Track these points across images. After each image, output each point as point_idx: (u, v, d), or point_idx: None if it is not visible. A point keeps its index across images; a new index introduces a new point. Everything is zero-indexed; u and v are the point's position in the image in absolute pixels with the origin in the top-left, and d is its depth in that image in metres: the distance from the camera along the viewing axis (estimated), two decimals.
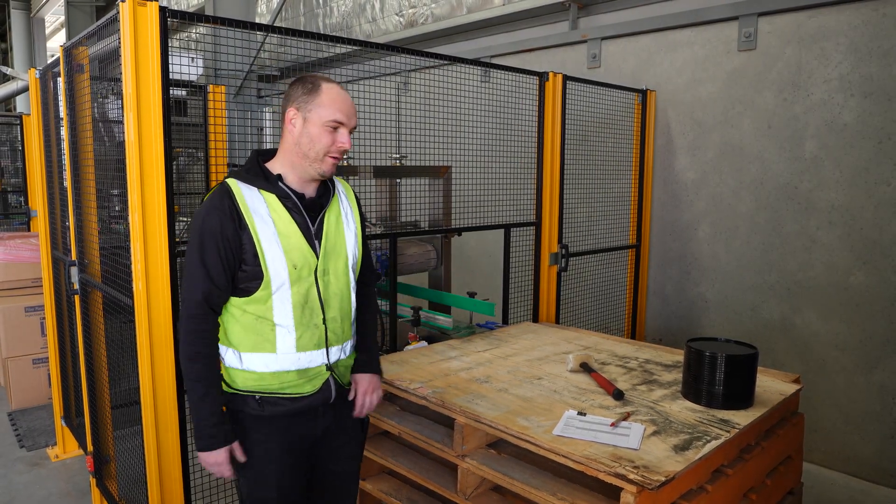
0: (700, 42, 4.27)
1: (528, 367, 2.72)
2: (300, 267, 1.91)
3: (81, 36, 2.74)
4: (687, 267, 4.48)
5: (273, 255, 1.87)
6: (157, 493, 2.32)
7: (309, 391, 1.97)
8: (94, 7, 14.57)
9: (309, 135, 1.90)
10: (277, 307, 1.90)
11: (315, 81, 1.92)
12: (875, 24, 3.52)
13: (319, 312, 1.96)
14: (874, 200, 3.57)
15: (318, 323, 1.95)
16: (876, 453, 3.63)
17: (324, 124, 1.89)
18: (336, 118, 1.89)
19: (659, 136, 4.55)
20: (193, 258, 1.85)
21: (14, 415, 4.63)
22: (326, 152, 1.90)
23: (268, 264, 1.87)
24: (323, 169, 1.92)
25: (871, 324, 3.62)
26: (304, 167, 1.93)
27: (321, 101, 1.89)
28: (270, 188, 1.91)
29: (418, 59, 3.16)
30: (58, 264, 3.73)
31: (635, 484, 1.73)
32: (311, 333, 1.94)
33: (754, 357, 2.29)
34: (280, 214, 1.90)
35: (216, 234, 1.84)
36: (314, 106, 1.89)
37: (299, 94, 1.91)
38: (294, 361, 1.93)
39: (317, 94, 1.89)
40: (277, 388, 1.93)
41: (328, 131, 1.89)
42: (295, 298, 1.91)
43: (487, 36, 5.86)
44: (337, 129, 1.91)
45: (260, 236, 1.86)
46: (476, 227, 3.54)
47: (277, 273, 1.88)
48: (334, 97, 1.90)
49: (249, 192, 1.90)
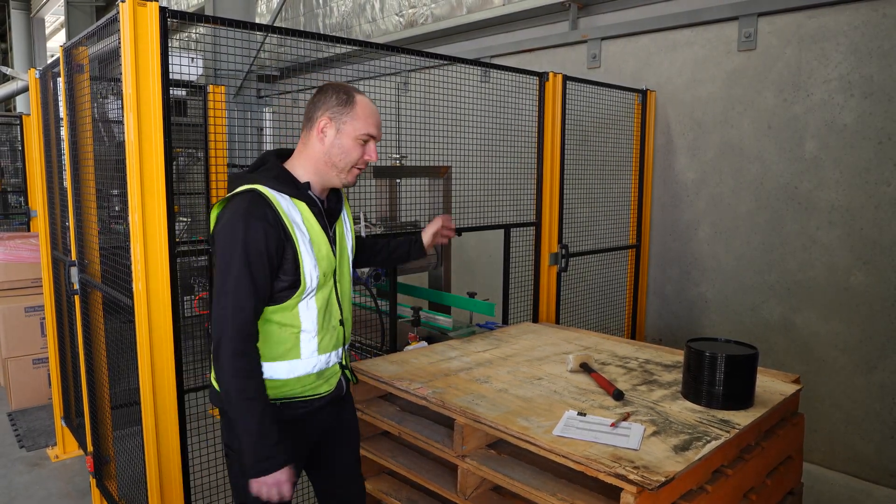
0: (700, 42, 4.27)
1: (528, 367, 2.72)
2: (327, 273, 1.95)
3: (81, 36, 2.74)
4: (687, 267, 4.48)
5: (309, 265, 1.88)
6: (157, 493, 2.32)
7: (325, 391, 2.04)
8: (94, 7, 14.58)
9: (341, 146, 1.92)
10: (304, 313, 1.92)
11: (349, 93, 1.93)
12: (875, 24, 3.52)
13: (338, 314, 2.03)
14: (874, 201, 3.57)
15: (335, 324, 2.02)
16: (876, 453, 3.63)
17: (357, 137, 1.91)
18: (370, 132, 1.93)
19: (659, 137, 4.55)
20: (241, 272, 1.76)
21: (14, 415, 4.63)
22: (355, 164, 1.94)
23: (305, 274, 1.88)
24: (348, 179, 1.96)
25: (871, 324, 3.62)
26: (329, 176, 1.95)
27: (356, 113, 1.91)
28: (301, 196, 1.90)
29: (418, 59, 3.16)
30: (58, 264, 3.73)
31: (635, 484, 1.73)
32: (330, 335, 2.01)
33: (754, 357, 2.29)
34: (311, 223, 1.91)
35: (261, 248, 1.78)
36: (349, 118, 1.91)
37: (333, 103, 1.91)
38: (315, 364, 1.98)
39: (352, 107, 1.91)
40: (299, 392, 1.97)
41: (360, 144, 1.93)
42: (319, 303, 1.95)
43: (487, 36, 5.86)
44: (367, 143, 1.95)
45: (301, 248, 1.86)
46: (476, 228, 3.53)
47: (311, 280, 1.90)
48: (368, 111, 1.93)
49: (284, 201, 1.86)
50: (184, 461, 2.38)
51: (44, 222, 3.87)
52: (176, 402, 2.33)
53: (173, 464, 2.35)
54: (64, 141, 3.11)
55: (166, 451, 2.33)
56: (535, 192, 3.76)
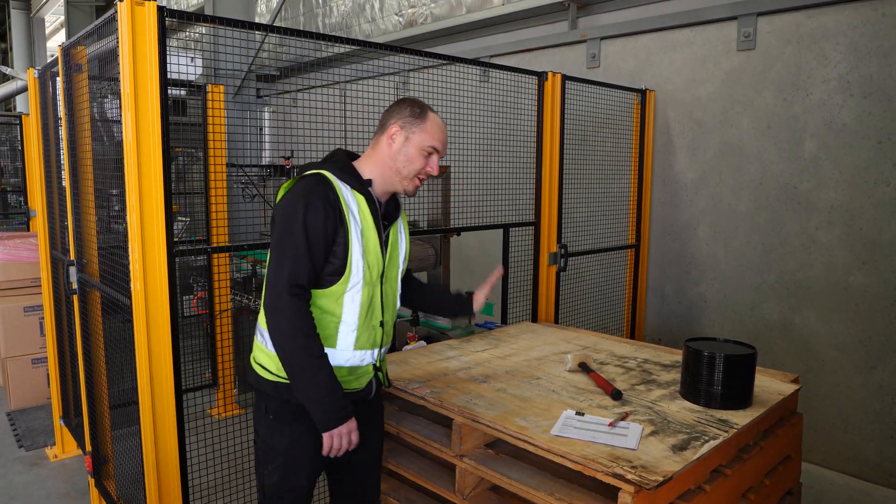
0: (699, 42, 4.27)
1: (527, 366, 2.72)
2: (373, 269, 2.02)
3: (79, 35, 2.74)
4: (686, 267, 4.48)
5: (357, 253, 1.97)
6: (156, 492, 2.32)
7: (355, 388, 2.08)
8: (94, 7, 14.57)
9: (407, 153, 2.04)
10: (347, 305, 1.99)
11: (423, 108, 2.08)
12: (874, 24, 3.52)
13: (380, 315, 2.08)
14: (874, 200, 3.57)
15: (375, 325, 2.08)
16: (875, 453, 3.63)
17: (423, 148, 2.04)
18: (434, 145, 2.06)
19: (658, 136, 4.55)
20: (299, 242, 1.88)
21: (13, 415, 4.63)
22: (416, 173, 2.06)
23: (352, 262, 1.96)
24: (408, 187, 2.08)
25: (870, 324, 3.61)
26: (392, 181, 2.07)
27: (425, 126, 2.05)
28: (361, 190, 2.01)
29: (417, 58, 3.16)
30: (57, 264, 3.73)
31: (633, 484, 1.73)
32: (368, 334, 2.06)
33: (752, 357, 2.29)
34: (366, 217, 2.00)
35: (320, 225, 1.89)
36: (418, 129, 2.04)
37: (406, 114, 2.05)
38: (349, 358, 2.04)
39: (423, 120, 2.05)
40: None
41: (424, 156, 2.05)
42: (363, 299, 2.01)
43: (487, 36, 5.86)
44: (431, 156, 2.07)
45: (352, 234, 1.96)
46: (475, 227, 3.53)
47: (357, 270, 1.98)
48: (437, 127, 2.07)
49: (345, 189, 1.99)
50: (182, 461, 2.38)
51: (43, 222, 3.87)
52: (174, 402, 2.33)
53: (171, 463, 2.35)
54: (63, 141, 3.11)
55: (164, 451, 2.33)
56: (535, 191, 3.76)
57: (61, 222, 3.52)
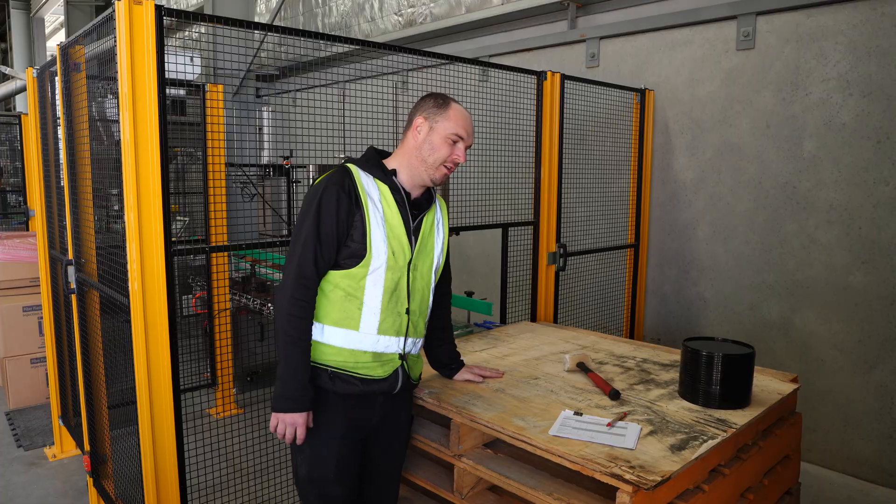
0: (698, 41, 4.27)
1: (526, 366, 2.72)
2: (398, 255, 2.06)
3: (78, 35, 2.74)
4: (685, 266, 4.47)
5: (377, 237, 2.02)
6: (154, 492, 2.31)
7: (381, 375, 2.09)
8: (93, 7, 14.57)
9: (431, 143, 2.09)
10: (370, 288, 2.03)
11: (446, 99, 2.13)
12: (873, 23, 3.52)
13: (405, 302, 2.10)
14: (873, 200, 3.57)
15: (401, 311, 2.10)
16: (874, 453, 3.63)
17: (447, 136, 2.08)
18: (458, 132, 2.09)
19: (657, 136, 4.55)
20: (309, 229, 1.98)
21: (12, 414, 4.63)
22: (443, 162, 2.09)
23: (372, 245, 2.01)
24: (435, 176, 2.10)
25: (869, 323, 3.61)
26: (419, 171, 2.10)
27: (448, 115, 2.09)
28: (385, 179, 2.08)
29: (417, 58, 3.16)
30: (55, 264, 3.73)
31: (631, 484, 1.72)
32: (392, 320, 2.08)
33: (751, 356, 2.28)
34: (389, 204, 2.06)
35: (332, 209, 1.98)
36: (441, 119, 2.09)
37: (430, 106, 2.12)
38: (373, 343, 2.07)
39: (446, 110, 2.10)
40: (352, 366, 2.05)
41: (449, 143, 2.08)
42: (387, 284, 2.05)
43: (486, 35, 5.85)
44: (456, 143, 2.09)
45: (371, 217, 2.01)
46: (474, 227, 3.53)
47: (378, 254, 2.02)
48: (460, 115, 2.11)
49: (367, 178, 2.07)
50: (180, 460, 2.37)
51: (41, 221, 3.86)
52: (172, 402, 2.32)
53: (170, 463, 2.35)
54: (61, 140, 3.10)
55: (163, 451, 2.33)
56: (534, 191, 3.76)
57: (60, 222, 3.52)
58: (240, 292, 4.49)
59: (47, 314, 3.93)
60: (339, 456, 2.08)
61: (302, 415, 1.98)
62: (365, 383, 2.06)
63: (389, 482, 2.29)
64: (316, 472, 2.08)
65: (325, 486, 2.09)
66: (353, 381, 2.05)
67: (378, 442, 2.19)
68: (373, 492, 2.25)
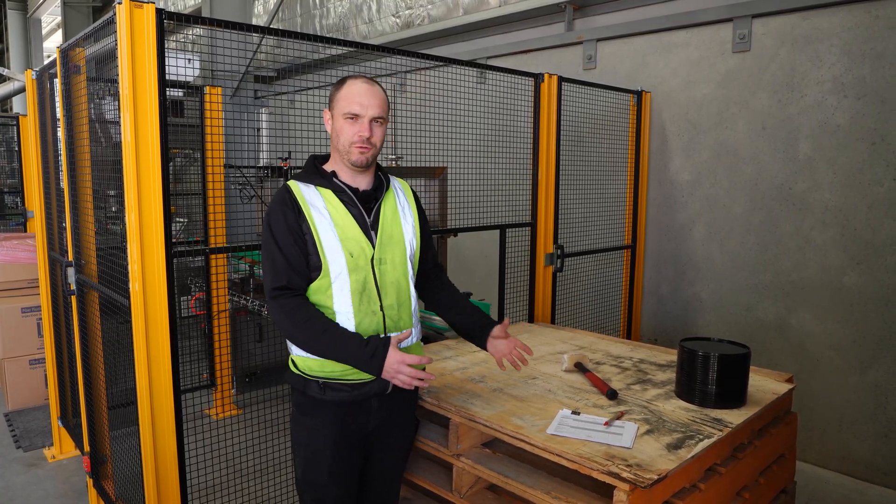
0: (695, 43, 4.29)
1: (523, 366, 2.73)
2: (356, 255, 2.01)
3: (78, 38, 2.75)
4: (682, 267, 4.50)
5: (330, 244, 1.99)
6: (154, 493, 2.33)
7: (365, 378, 2.03)
8: (90, 7, 14.55)
9: (335, 129, 2.04)
10: (337, 295, 2.00)
11: (342, 80, 2.05)
12: (868, 26, 3.54)
13: (377, 300, 2.05)
14: (868, 201, 3.60)
15: (375, 310, 2.04)
16: (870, 452, 3.65)
17: (343, 116, 2.00)
18: (351, 110, 1.99)
19: (654, 137, 4.57)
20: (271, 249, 1.99)
21: (11, 415, 4.63)
22: (351, 142, 2.01)
23: (326, 253, 1.98)
24: (352, 158, 2.02)
25: (864, 323, 3.64)
26: (342, 161, 2.06)
27: (341, 94, 2.02)
28: (326, 184, 2.05)
29: (414, 60, 3.18)
30: (55, 265, 3.74)
31: (628, 482, 1.74)
32: (369, 320, 2.03)
33: (746, 356, 2.31)
34: (336, 207, 2.03)
35: (282, 224, 1.98)
36: (336, 101, 2.03)
37: (331, 94, 2.06)
38: None
39: (339, 90, 2.03)
40: (340, 374, 2.02)
41: (349, 123, 2.00)
42: (353, 286, 2.01)
43: (484, 37, 5.87)
44: (356, 120, 2.00)
45: (318, 227, 1.99)
46: (472, 228, 3.55)
47: (335, 260, 1.99)
48: (353, 91, 2.01)
49: (307, 189, 2.04)
50: (180, 461, 2.38)
51: (41, 223, 3.87)
52: (172, 403, 2.33)
53: (170, 464, 2.36)
54: (61, 142, 3.11)
55: (163, 452, 2.34)
56: (531, 192, 3.78)
57: (59, 223, 3.53)
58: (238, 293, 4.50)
59: (47, 315, 3.94)
60: (333, 460, 2.06)
61: (391, 353, 1.91)
62: (356, 388, 2.03)
63: (390, 484, 2.27)
64: (311, 474, 2.08)
65: (320, 489, 2.09)
66: (343, 389, 2.03)
67: (378, 445, 2.16)
68: (373, 494, 2.24)
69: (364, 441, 2.14)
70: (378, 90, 2.04)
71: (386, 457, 2.20)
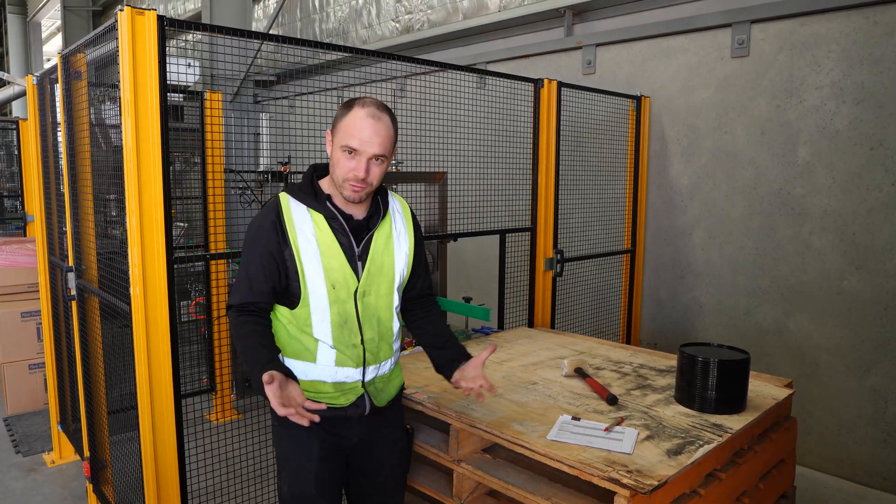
0: (694, 49, 4.31)
1: (524, 372, 2.74)
2: (339, 287, 1.91)
3: (79, 43, 2.76)
4: (681, 272, 4.50)
5: (313, 273, 1.89)
6: (154, 497, 2.33)
7: (343, 404, 2.00)
8: (90, 12, 14.58)
9: (333, 157, 1.88)
10: (317, 324, 1.93)
11: (351, 103, 1.85)
12: (866, 31, 3.56)
13: (357, 333, 1.97)
14: (866, 206, 3.61)
15: (356, 343, 1.97)
16: (869, 456, 3.66)
17: (341, 148, 1.83)
18: (348, 143, 1.81)
19: (653, 142, 4.58)
20: (242, 265, 1.94)
21: (10, 420, 4.63)
22: (345, 178, 1.85)
23: (307, 282, 1.89)
24: (344, 194, 1.88)
25: (863, 328, 3.64)
26: (338, 190, 1.91)
27: (344, 123, 1.84)
28: (319, 208, 1.91)
29: (413, 65, 3.18)
30: (55, 269, 3.74)
31: (628, 488, 1.75)
32: (350, 352, 1.97)
33: (746, 362, 2.31)
34: (325, 234, 1.90)
35: (260, 247, 1.89)
36: (338, 128, 1.86)
37: (336, 115, 1.88)
38: (331, 374, 1.97)
39: (343, 116, 1.84)
40: (313, 396, 1.95)
41: (346, 156, 1.83)
42: (334, 318, 1.93)
43: (483, 42, 5.89)
44: (354, 155, 1.82)
45: (302, 255, 1.88)
46: (471, 233, 3.55)
47: (316, 292, 1.90)
48: (355, 121, 1.81)
49: (298, 209, 1.91)
50: (181, 466, 2.39)
51: (41, 227, 3.87)
52: (173, 407, 2.34)
53: (170, 469, 2.36)
54: (61, 146, 3.12)
55: (163, 456, 2.34)
56: (531, 197, 3.78)
57: (60, 228, 3.53)
58: None
59: (46, 320, 3.94)
60: (317, 474, 2.01)
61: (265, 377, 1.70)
62: (331, 409, 1.97)
63: (390, 497, 2.21)
64: (298, 487, 2.03)
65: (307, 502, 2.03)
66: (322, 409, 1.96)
67: (367, 460, 2.11)
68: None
69: (350, 455, 2.09)
70: (383, 125, 1.84)
71: (380, 472, 2.15)
